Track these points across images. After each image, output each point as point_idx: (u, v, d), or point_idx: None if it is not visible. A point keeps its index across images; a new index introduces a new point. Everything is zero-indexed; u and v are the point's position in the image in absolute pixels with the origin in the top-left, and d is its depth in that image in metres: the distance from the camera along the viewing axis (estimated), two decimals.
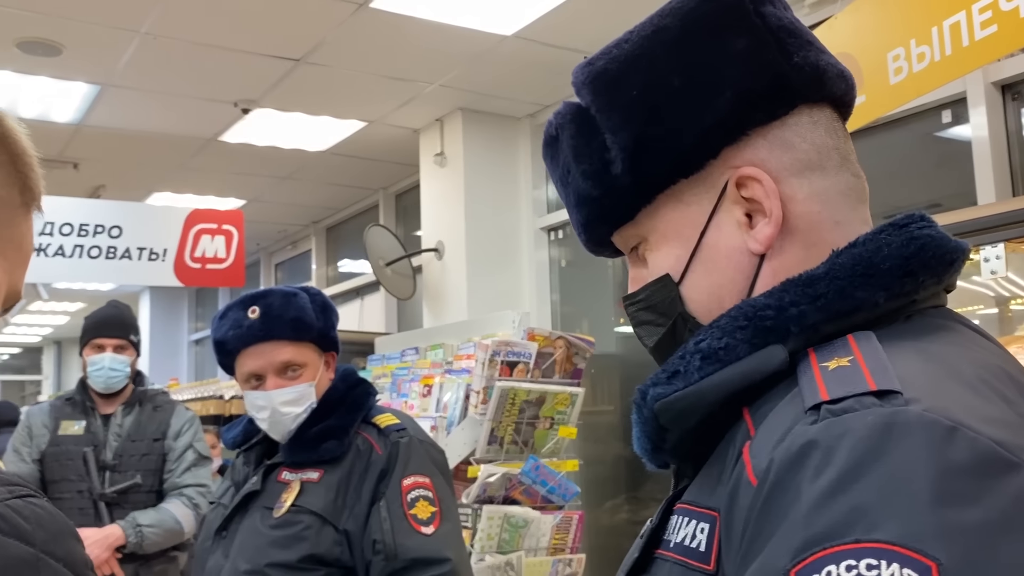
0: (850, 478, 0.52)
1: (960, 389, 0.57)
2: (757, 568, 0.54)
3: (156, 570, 3.03)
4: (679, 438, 0.69)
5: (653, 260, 0.76)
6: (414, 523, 1.78)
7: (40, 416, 3.21)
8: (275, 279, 8.97)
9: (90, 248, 5.32)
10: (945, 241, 0.69)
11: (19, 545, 0.57)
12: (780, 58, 0.73)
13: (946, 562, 0.48)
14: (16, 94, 4.75)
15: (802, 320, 0.65)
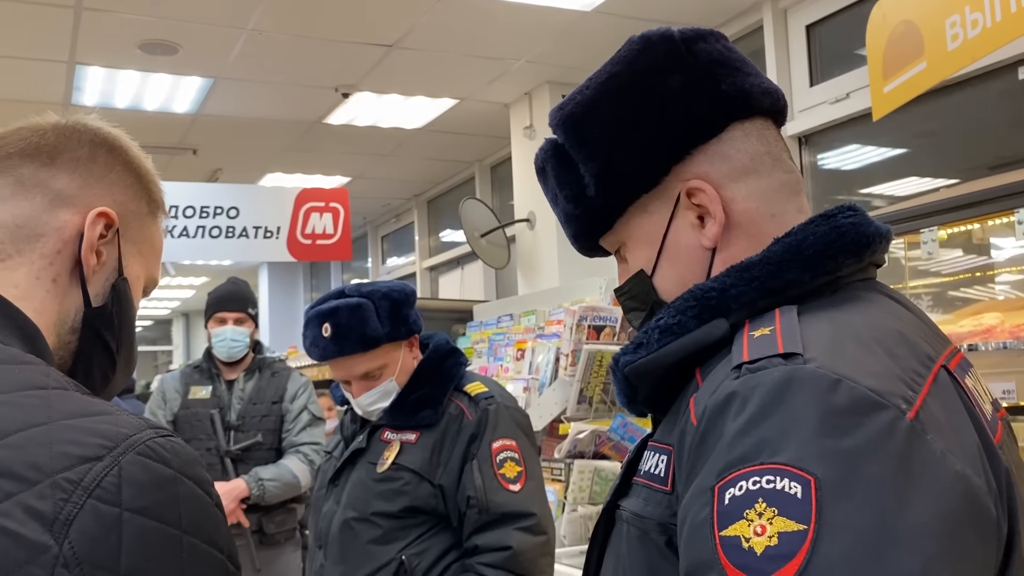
0: (759, 419, 0.66)
1: (854, 348, 0.70)
2: (695, 487, 0.68)
3: (277, 520, 3.23)
4: (647, 393, 0.85)
5: (631, 259, 0.92)
6: (503, 481, 1.96)
7: (172, 382, 3.42)
8: (381, 251, 9.29)
9: (211, 228, 5.73)
10: (863, 228, 0.81)
11: (162, 467, 0.70)
12: (711, 88, 0.87)
13: (821, 476, 0.61)
14: (140, 90, 5.10)
15: (740, 298, 0.79)
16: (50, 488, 0.62)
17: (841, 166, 4.28)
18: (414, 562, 1.96)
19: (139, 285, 0.91)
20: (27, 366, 0.73)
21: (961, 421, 0.70)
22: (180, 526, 0.66)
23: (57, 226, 0.82)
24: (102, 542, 0.62)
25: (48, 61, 4.64)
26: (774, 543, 0.60)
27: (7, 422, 0.65)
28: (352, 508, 2.04)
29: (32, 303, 0.79)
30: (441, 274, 8.01)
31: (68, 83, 4.95)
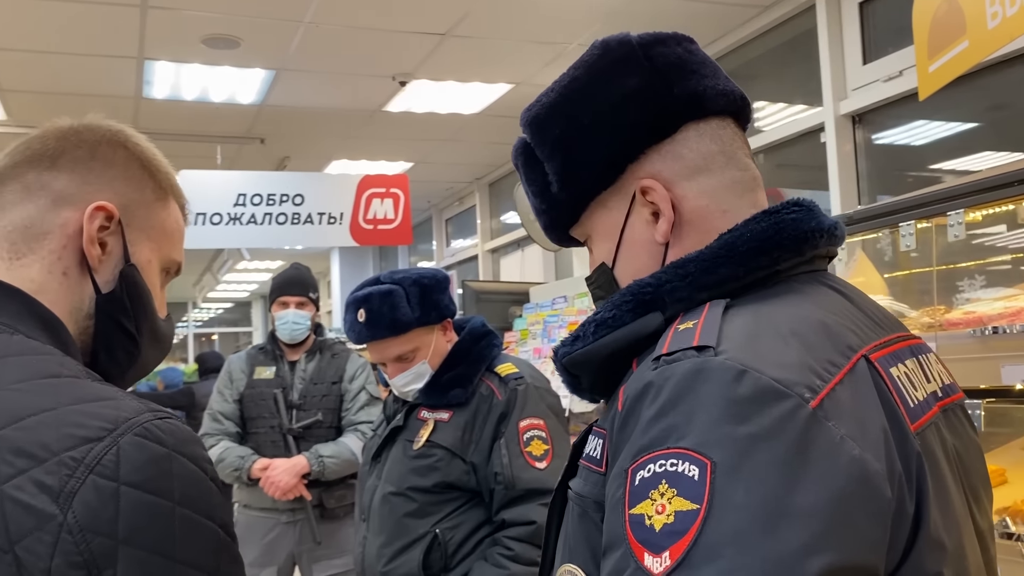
0: (669, 407, 0.70)
1: (769, 340, 0.74)
2: (615, 468, 0.73)
3: (336, 495, 3.34)
4: (589, 382, 0.89)
5: (595, 251, 0.96)
6: (529, 459, 2.03)
7: (238, 363, 3.54)
8: (445, 234, 9.42)
9: (277, 215, 5.92)
10: (803, 223, 0.84)
11: (156, 446, 0.76)
12: (664, 91, 0.90)
13: (717, 460, 0.66)
14: (205, 83, 5.29)
15: (674, 294, 0.83)
16: (57, 465, 0.72)
17: (894, 144, 4.22)
18: (448, 535, 2.05)
19: (152, 268, 0.97)
20: (45, 356, 0.82)
21: (869, 409, 0.73)
22: (173, 498, 0.75)
23: (60, 223, 0.90)
24: (101, 512, 0.71)
25: (119, 57, 4.85)
26: (671, 520, 0.65)
27: (22, 407, 0.75)
28: (390, 483, 2.14)
29: (48, 295, 0.88)
30: (502, 256, 8.10)
31: (138, 78, 5.17)
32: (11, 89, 5.28)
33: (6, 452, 0.72)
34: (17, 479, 0.71)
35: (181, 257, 1.02)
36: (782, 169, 4.92)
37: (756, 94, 5.08)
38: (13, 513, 0.70)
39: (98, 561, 0.71)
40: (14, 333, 0.84)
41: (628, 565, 0.67)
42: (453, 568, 2.07)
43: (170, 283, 1.05)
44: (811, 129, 4.38)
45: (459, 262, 8.98)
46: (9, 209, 0.91)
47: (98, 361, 0.93)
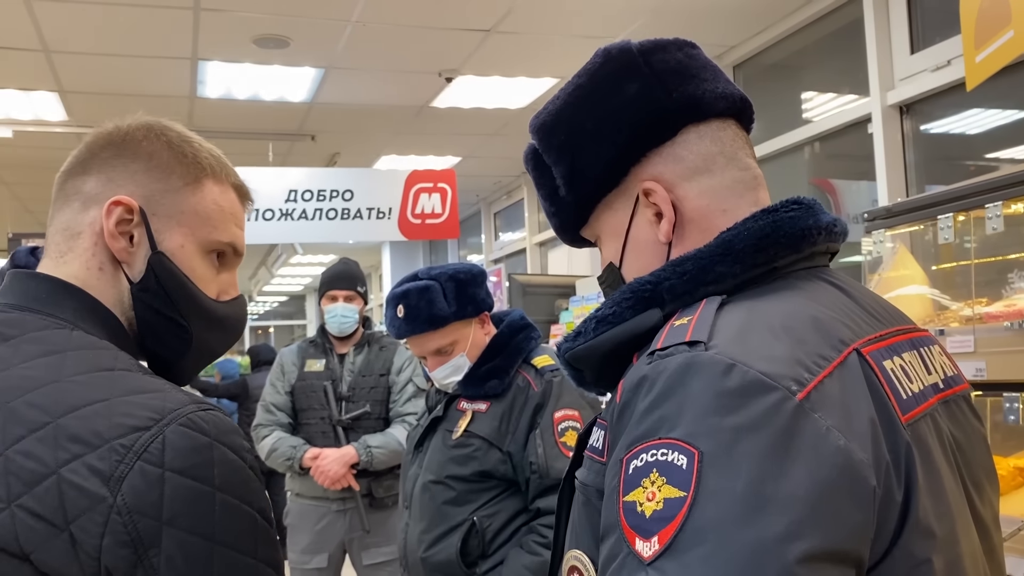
0: (661, 399, 0.73)
1: (760, 335, 0.77)
2: (613, 458, 0.77)
3: (385, 484, 3.44)
4: (593, 376, 0.92)
5: (604, 251, 1.00)
6: (564, 449, 2.07)
7: (290, 356, 3.63)
8: (494, 227, 9.47)
9: (328, 211, 6.03)
10: (800, 221, 0.87)
11: (199, 435, 0.82)
12: (663, 95, 0.93)
13: (704, 449, 0.69)
14: (257, 82, 5.39)
15: (672, 291, 0.86)
16: (108, 451, 0.78)
17: (943, 134, 4.16)
18: (485, 523, 2.10)
19: (187, 252, 0.99)
20: (101, 351, 0.89)
21: (858, 401, 0.76)
22: (214, 484, 0.81)
23: (89, 222, 0.97)
24: (147, 495, 0.78)
25: (173, 59, 4.98)
26: (660, 507, 0.69)
27: (78, 397, 0.82)
28: (430, 471, 2.20)
29: (92, 291, 0.95)
30: (550, 249, 8.14)
31: (192, 78, 5.30)
32: (72, 90, 5.45)
33: (63, 439, 0.79)
34: (73, 463, 0.78)
35: (229, 237, 1.03)
36: (831, 160, 4.88)
37: (803, 85, 5.04)
38: (69, 494, 0.77)
39: (144, 540, 0.77)
40: (74, 329, 0.91)
41: (621, 550, 0.71)
42: (490, 554, 2.12)
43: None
44: (859, 120, 4.34)
45: (507, 255, 9.03)
46: (56, 216, 0.99)
47: (150, 348, 0.99)
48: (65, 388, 0.83)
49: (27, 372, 0.84)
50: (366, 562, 3.49)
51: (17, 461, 0.78)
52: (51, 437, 0.79)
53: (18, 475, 0.78)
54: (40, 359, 0.86)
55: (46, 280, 0.95)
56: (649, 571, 0.68)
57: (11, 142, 6.22)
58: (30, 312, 0.92)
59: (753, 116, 1.01)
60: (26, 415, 0.81)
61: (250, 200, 1.10)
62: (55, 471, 0.78)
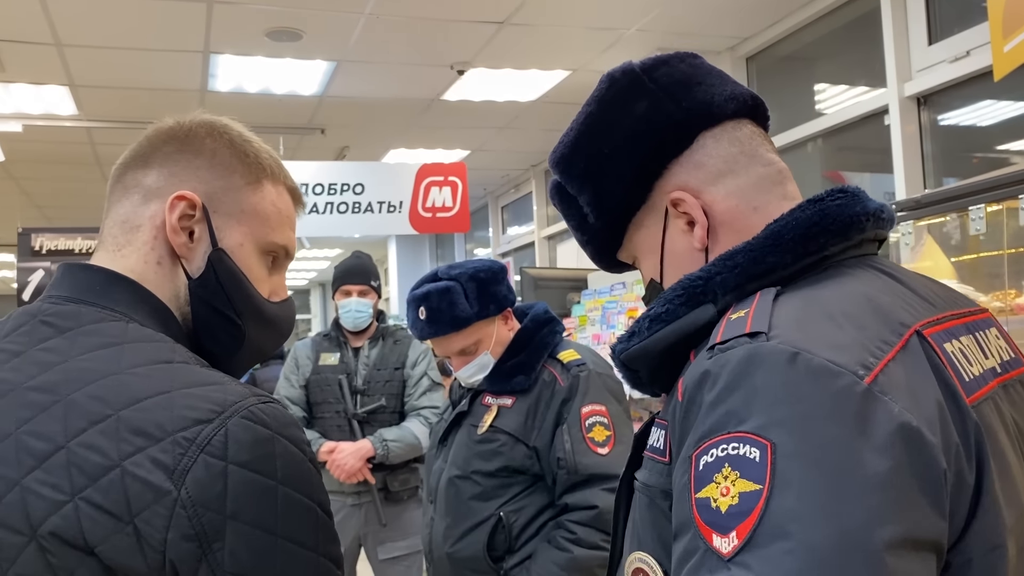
0: (726, 393, 0.73)
1: (820, 323, 0.76)
2: (680, 456, 0.76)
3: (400, 478, 3.44)
4: (648, 376, 0.92)
5: (643, 269, 1.02)
6: (591, 444, 2.06)
7: (304, 350, 3.64)
8: (501, 221, 9.46)
9: (338, 204, 6.02)
10: (847, 208, 0.87)
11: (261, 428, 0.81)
12: (672, 107, 0.95)
13: (777, 440, 0.68)
14: (268, 75, 5.38)
15: (724, 284, 0.86)
16: (171, 444, 0.78)
17: (961, 126, 4.14)
18: (511, 518, 2.09)
19: (246, 251, 0.99)
20: (158, 343, 0.88)
21: (924, 383, 0.75)
22: (276, 477, 0.80)
23: (149, 216, 0.96)
24: (211, 489, 0.77)
25: (185, 52, 4.97)
26: (735, 502, 0.68)
27: (139, 390, 0.81)
28: (456, 466, 2.19)
29: (149, 284, 0.94)
30: (559, 242, 8.12)
31: (204, 71, 5.28)
32: (83, 84, 5.44)
33: (125, 431, 0.78)
34: (136, 456, 0.77)
35: (284, 240, 1.04)
36: (844, 152, 4.85)
37: (817, 77, 5.01)
38: (133, 487, 0.76)
39: (208, 534, 0.76)
40: (129, 321, 0.90)
41: (698, 547, 0.70)
42: (517, 550, 2.10)
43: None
44: (875, 111, 4.31)
45: (515, 249, 9.02)
46: (114, 208, 0.98)
47: (203, 344, 0.98)
48: (125, 380, 0.82)
49: (86, 364, 0.83)
50: (382, 556, 3.49)
51: (80, 454, 0.77)
52: (113, 429, 0.78)
53: (81, 468, 0.77)
54: (98, 351, 0.85)
55: (100, 272, 0.94)
56: (731, 567, 0.67)
57: (21, 137, 6.21)
58: (84, 304, 0.91)
59: (767, 113, 1.01)
60: (88, 407, 0.80)
61: (302, 204, 1.10)
62: (119, 464, 0.77)
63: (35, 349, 0.86)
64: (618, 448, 2.09)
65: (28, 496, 0.77)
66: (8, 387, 0.83)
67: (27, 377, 0.83)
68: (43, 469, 0.77)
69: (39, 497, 0.76)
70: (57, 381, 0.82)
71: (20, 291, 6.91)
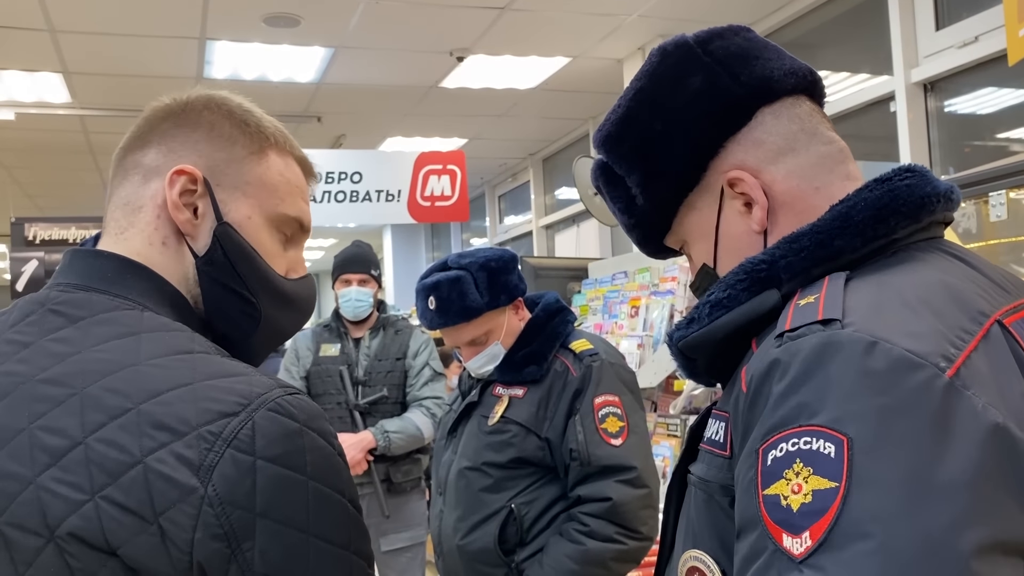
0: (798, 384, 0.69)
1: (897, 310, 0.72)
2: (746, 450, 0.72)
3: (403, 469, 3.41)
4: (706, 364, 0.88)
5: (694, 254, 0.96)
6: (605, 436, 2.03)
7: (304, 341, 3.59)
8: (499, 210, 9.41)
9: (336, 193, 5.96)
10: (918, 189, 0.82)
11: (289, 421, 0.77)
12: (730, 82, 0.91)
13: (854, 435, 0.64)
14: (265, 62, 5.33)
15: (790, 269, 0.81)
16: (196, 439, 0.73)
17: (968, 112, 4.10)
18: (523, 510, 2.06)
19: (254, 224, 0.93)
20: (176, 332, 0.84)
21: (1009, 375, 0.71)
22: (306, 472, 0.76)
23: (150, 195, 0.91)
24: (239, 485, 0.73)
25: (181, 38, 4.91)
26: (808, 500, 0.64)
27: (159, 382, 0.76)
28: (466, 458, 2.15)
29: (155, 267, 0.89)
30: (557, 232, 8.08)
31: (200, 58, 5.22)
32: (76, 71, 5.37)
33: (147, 426, 0.74)
34: (159, 452, 0.73)
35: (296, 211, 0.98)
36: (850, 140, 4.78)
37: (822, 63, 4.97)
38: (157, 485, 0.72)
39: (238, 534, 0.73)
40: (144, 310, 0.85)
41: (765, 547, 0.66)
42: (529, 542, 2.08)
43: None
44: (880, 98, 4.28)
45: (512, 238, 8.97)
46: (115, 192, 0.94)
47: (217, 327, 0.92)
48: (144, 372, 0.77)
49: (102, 355, 0.79)
50: (384, 548, 3.46)
51: (99, 450, 0.73)
52: (134, 424, 0.74)
53: (101, 465, 0.72)
54: (114, 341, 0.80)
55: (110, 258, 0.89)
56: (804, 569, 0.63)
57: (13, 125, 6.14)
58: (95, 292, 0.86)
59: (824, 90, 0.97)
60: (105, 401, 0.75)
61: (314, 176, 1.04)
62: (141, 460, 0.72)
63: (46, 340, 0.81)
64: (631, 439, 2.07)
65: (44, 495, 0.72)
66: (18, 380, 0.79)
67: (39, 369, 0.79)
68: (59, 467, 0.73)
69: (56, 496, 0.72)
70: (71, 373, 0.78)
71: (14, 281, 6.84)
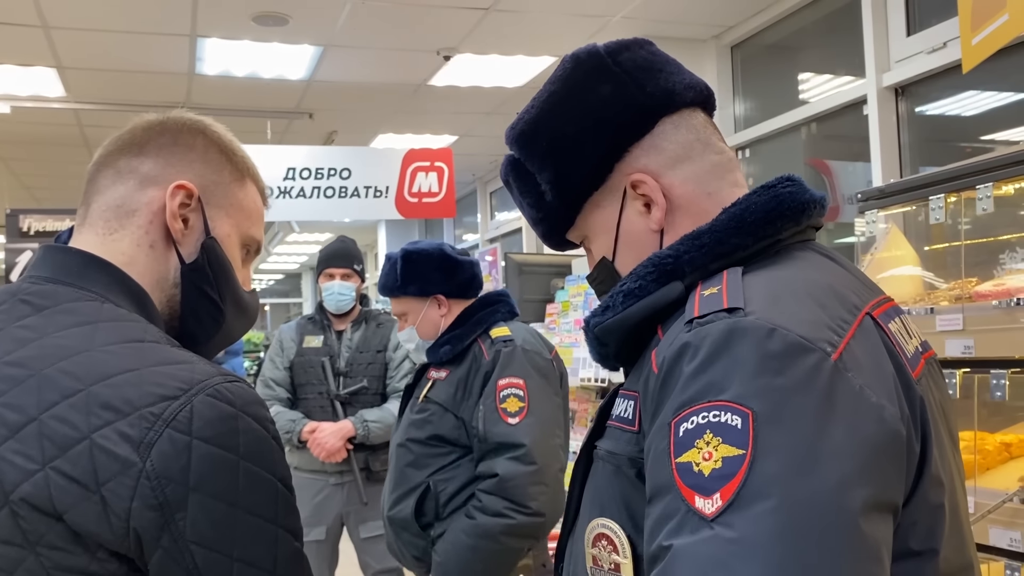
0: (707, 364, 0.76)
1: (788, 301, 0.81)
2: (658, 423, 0.79)
3: (381, 458, 3.46)
4: (616, 350, 0.95)
5: (594, 248, 1.04)
6: (503, 415, 2.18)
7: (289, 332, 3.71)
8: (490, 206, 9.50)
9: (325, 189, 6.04)
10: (800, 195, 0.92)
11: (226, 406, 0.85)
12: (636, 92, 0.98)
13: (758, 409, 0.72)
14: (255, 60, 5.39)
15: (692, 263, 0.90)
16: (138, 419, 0.82)
17: (938, 116, 4.19)
18: (440, 487, 2.22)
19: (232, 242, 1.06)
20: (130, 323, 0.93)
21: (880, 360, 0.81)
22: (238, 452, 0.84)
23: (146, 201, 1.01)
24: (175, 461, 0.81)
25: (172, 35, 4.98)
26: (719, 466, 0.72)
27: (109, 367, 0.85)
28: (398, 435, 2.36)
29: (137, 266, 0.99)
30: None
31: (191, 55, 5.29)
32: (70, 67, 5.44)
33: (95, 406, 0.82)
34: (104, 429, 0.81)
35: (260, 236, 1.12)
36: (826, 141, 4.90)
37: (800, 66, 5.05)
38: (100, 459, 0.80)
39: (171, 504, 0.81)
40: (104, 302, 0.94)
41: (678, 509, 0.73)
42: (444, 518, 2.23)
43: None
44: (854, 101, 4.36)
45: (503, 235, 9.05)
46: (104, 192, 1.02)
47: (186, 326, 1.03)
48: (97, 357, 0.86)
49: (60, 341, 0.87)
50: (363, 535, 3.55)
51: (51, 425, 0.81)
52: (83, 403, 0.82)
53: (52, 439, 0.81)
54: (73, 329, 0.89)
55: (78, 254, 0.98)
56: (714, 526, 0.70)
57: (9, 118, 6.22)
58: (62, 285, 0.95)
59: (715, 104, 1.05)
60: (60, 382, 0.84)
61: (267, 205, 1.18)
62: (87, 436, 0.81)
63: (13, 326, 0.90)
64: (529, 419, 2.19)
65: (2, 464, 0.81)
66: None
67: (4, 352, 0.87)
68: (16, 439, 0.81)
69: (12, 465, 0.81)
70: (32, 356, 0.86)
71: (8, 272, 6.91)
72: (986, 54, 2.56)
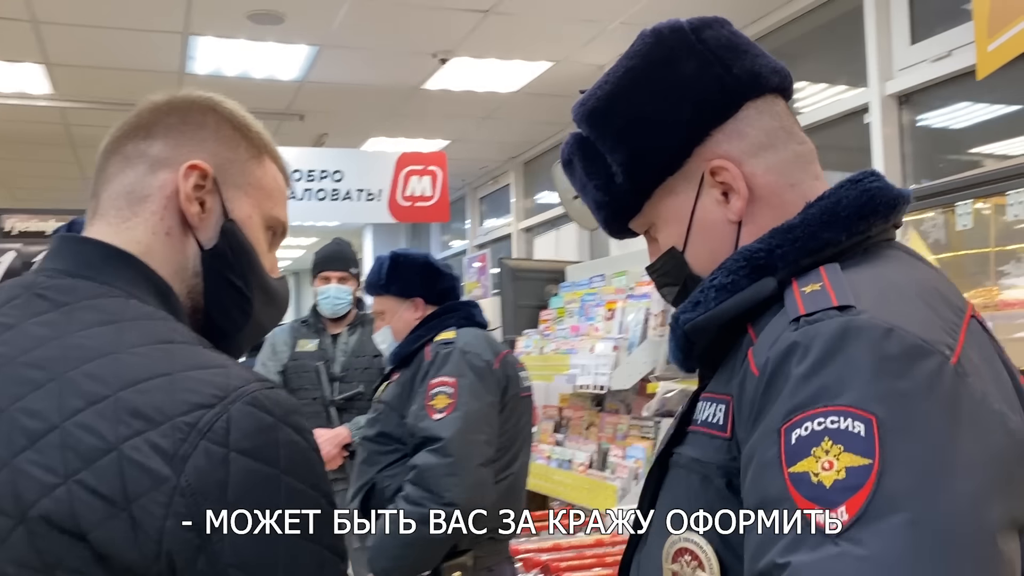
0: (819, 366, 0.71)
1: (900, 301, 0.76)
2: (762, 430, 0.73)
3: None
4: (703, 348, 0.90)
5: (662, 238, 0.98)
6: (430, 411, 2.24)
7: (282, 336, 3.62)
8: (479, 213, 9.44)
9: (317, 191, 5.97)
10: (889, 190, 0.87)
11: (265, 415, 0.77)
12: (722, 71, 0.93)
13: (881, 415, 0.67)
14: (248, 59, 5.32)
15: (785, 257, 0.85)
16: (171, 429, 0.74)
17: (943, 125, 4.17)
18: (384, 482, 2.32)
19: (254, 224, 0.98)
20: (159, 322, 0.85)
21: (995, 366, 0.76)
22: (279, 466, 0.76)
23: (159, 185, 0.93)
24: (211, 476, 0.73)
25: (164, 32, 4.90)
26: (842, 476, 0.66)
27: (139, 371, 0.77)
28: (360, 434, 2.52)
29: (155, 256, 0.91)
30: (537, 235, 8.11)
31: (182, 54, 5.21)
32: (57, 63, 5.35)
33: (124, 413, 0.74)
34: (134, 440, 0.73)
35: (284, 216, 1.03)
36: (823, 150, 4.86)
37: (799, 74, 5.02)
38: (130, 472, 0.72)
39: (209, 524, 0.73)
40: (129, 298, 0.86)
41: (795, 522, 0.68)
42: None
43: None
44: (855, 110, 4.34)
45: (492, 241, 9.00)
46: (113, 179, 0.95)
47: (212, 319, 0.95)
48: (125, 360, 0.78)
49: (83, 341, 0.80)
50: (356, 545, 3.47)
51: (75, 434, 0.74)
52: (111, 411, 0.74)
53: (76, 449, 0.73)
54: (96, 328, 0.81)
55: (98, 246, 0.90)
56: (839, 543, 0.65)
57: None
58: (82, 279, 0.87)
59: (793, 92, 1.00)
60: (84, 387, 0.76)
61: (290, 185, 1.09)
62: (116, 447, 0.73)
63: (29, 323, 0.82)
64: (454, 414, 2.24)
65: (19, 477, 0.73)
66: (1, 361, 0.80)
67: (21, 351, 0.79)
68: (35, 449, 0.73)
69: (30, 479, 0.73)
70: (52, 357, 0.78)
71: None
72: (1003, 60, 2.54)
